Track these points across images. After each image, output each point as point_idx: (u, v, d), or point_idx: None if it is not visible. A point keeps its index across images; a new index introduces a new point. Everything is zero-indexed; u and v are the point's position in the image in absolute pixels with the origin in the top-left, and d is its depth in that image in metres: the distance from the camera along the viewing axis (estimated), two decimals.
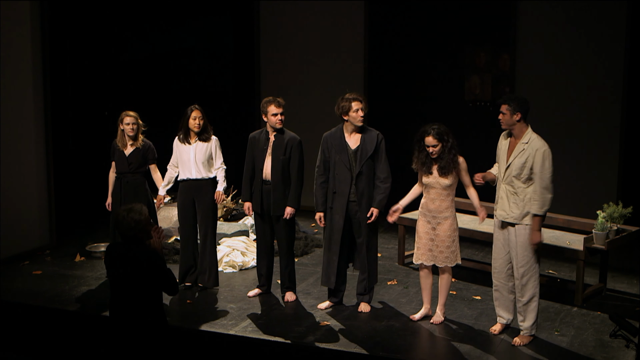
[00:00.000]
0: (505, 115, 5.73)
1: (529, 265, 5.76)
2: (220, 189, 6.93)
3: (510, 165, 5.74)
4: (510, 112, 5.70)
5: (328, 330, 6.15)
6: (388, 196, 6.36)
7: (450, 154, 6.00)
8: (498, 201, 5.85)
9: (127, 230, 4.54)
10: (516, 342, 5.86)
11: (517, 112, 5.69)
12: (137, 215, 4.54)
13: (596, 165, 9.06)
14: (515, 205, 5.73)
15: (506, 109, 5.72)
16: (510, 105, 5.70)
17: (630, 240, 7.01)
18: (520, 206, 5.71)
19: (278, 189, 6.60)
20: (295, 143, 6.61)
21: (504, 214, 5.79)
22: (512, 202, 5.75)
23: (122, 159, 7.17)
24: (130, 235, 4.55)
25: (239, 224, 8.35)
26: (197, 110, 6.86)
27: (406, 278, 7.49)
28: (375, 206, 6.33)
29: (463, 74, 9.71)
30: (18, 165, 8.11)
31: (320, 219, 6.51)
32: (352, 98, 6.29)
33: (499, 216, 5.83)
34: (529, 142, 5.70)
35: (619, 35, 8.80)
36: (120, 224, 4.55)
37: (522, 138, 5.73)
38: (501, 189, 5.83)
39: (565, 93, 9.15)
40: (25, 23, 8.11)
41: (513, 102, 5.70)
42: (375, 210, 6.33)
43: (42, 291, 7.08)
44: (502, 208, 5.80)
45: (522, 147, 5.71)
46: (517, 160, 5.71)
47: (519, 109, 5.70)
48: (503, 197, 5.80)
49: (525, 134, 5.74)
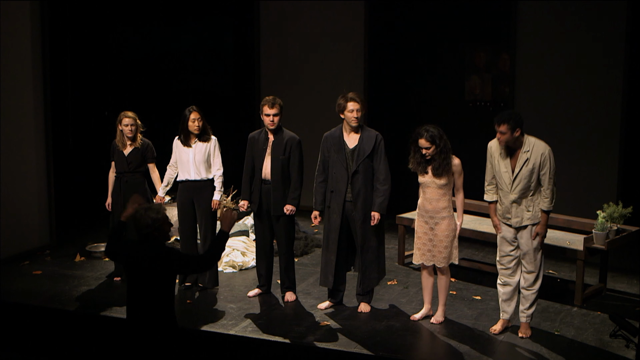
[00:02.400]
0: (505, 134, 5.73)
1: (540, 259, 5.92)
2: (217, 197, 6.93)
3: (518, 176, 5.79)
4: (511, 131, 5.72)
5: (328, 330, 6.15)
6: (389, 198, 6.35)
7: (442, 156, 6.01)
8: (509, 209, 5.88)
9: (144, 227, 4.53)
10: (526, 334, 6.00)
11: (517, 129, 5.73)
12: (154, 214, 4.53)
13: (596, 165, 9.06)
14: (529, 208, 5.83)
15: (506, 129, 5.72)
16: (510, 124, 5.70)
17: (630, 240, 7.01)
18: (532, 208, 5.83)
19: (278, 188, 6.60)
20: (294, 143, 6.61)
21: (519, 219, 5.87)
22: (524, 206, 5.83)
23: (122, 158, 7.18)
24: (147, 232, 4.54)
25: (239, 224, 8.35)
26: (195, 112, 6.85)
27: (406, 278, 7.49)
28: (375, 210, 6.31)
29: (463, 74, 9.71)
30: (18, 165, 8.10)
31: (315, 217, 6.51)
32: (349, 97, 6.29)
33: (516, 223, 5.87)
34: (531, 148, 5.76)
35: (619, 35, 8.80)
36: (137, 221, 4.53)
37: (523, 147, 5.78)
38: (509, 199, 5.87)
39: (565, 93, 9.14)
40: (25, 23, 8.11)
41: (511, 120, 5.71)
42: (376, 214, 6.31)
43: (42, 291, 7.08)
44: (516, 215, 5.87)
45: (526, 156, 5.77)
46: (524, 169, 5.77)
47: (517, 124, 5.73)
48: (514, 206, 5.86)
49: (525, 143, 5.78)
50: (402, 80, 10.01)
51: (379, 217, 6.33)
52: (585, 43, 8.98)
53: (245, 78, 10.71)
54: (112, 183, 7.30)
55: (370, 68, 9.99)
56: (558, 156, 5.99)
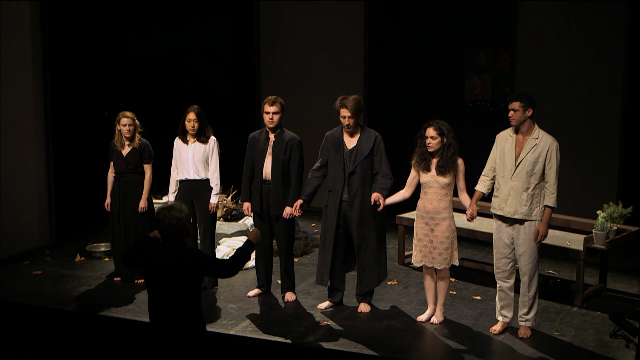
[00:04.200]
0: (517, 112, 5.76)
1: (536, 262, 5.88)
2: (214, 201, 6.92)
3: (522, 161, 5.78)
4: (523, 109, 5.75)
5: (328, 330, 6.15)
6: (389, 190, 6.31)
7: (449, 153, 6.00)
8: (506, 199, 5.84)
9: (169, 228, 4.45)
10: (526, 334, 5.98)
11: (529, 108, 5.76)
12: (178, 213, 4.47)
13: (596, 165, 9.06)
14: (526, 201, 5.77)
15: (519, 106, 5.75)
16: (523, 102, 5.75)
17: (630, 240, 7.01)
18: (529, 202, 5.77)
19: (278, 188, 6.59)
20: (295, 143, 6.61)
21: (513, 210, 5.81)
22: (522, 198, 5.78)
23: (120, 159, 7.18)
24: (172, 233, 4.47)
25: (238, 224, 8.35)
26: (192, 112, 6.85)
27: (406, 278, 7.49)
28: (377, 191, 6.22)
29: (463, 74, 9.71)
30: (18, 165, 8.11)
31: (296, 207, 6.46)
32: (341, 104, 6.28)
33: (508, 213, 5.83)
34: (540, 138, 5.77)
35: (619, 35, 8.80)
36: (161, 222, 4.45)
37: (532, 134, 5.80)
38: (508, 185, 5.84)
39: (565, 93, 9.15)
40: (25, 23, 8.11)
41: (525, 99, 5.76)
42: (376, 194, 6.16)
43: (42, 291, 7.08)
44: (511, 205, 5.82)
45: (534, 142, 5.77)
46: (529, 155, 5.76)
47: (531, 104, 5.77)
48: (512, 194, 5.81)
49: (534, 130, 5.81)
50: (402, 80, 10.01)
51: (380, 197, 6.16)
52: (585, 43, 8.99)
53: (245, 78, 10.71)
54: (111, 183, 7.30)
55: (370, 68, 10.00)
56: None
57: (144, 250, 4.55)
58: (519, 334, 6.00)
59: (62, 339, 6.41)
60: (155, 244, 4.57)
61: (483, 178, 6.07)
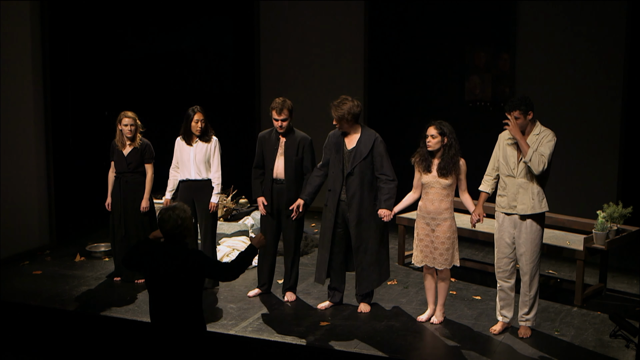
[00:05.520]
0: (519, 119, 5.77)
1: (537, 262, 5.89)
2: (215, 200, 6.92)
3: None
4: (524, 115, 5.77)
5: (328, 330, 6.15)
6: (394, 195, 6.28)
7: (450, 154, 6.00)
8: (515, 197, 5.84)
9: (173, 228, 4.45)
10: (526, 334, 5.99)
11: (529, 112, 5.77)
12: (182, 213, 4.47)
13: (596, 165, 9.06)
14: (536, 195, 5.80)
15: (519, 114, 5.76)
16: (522, 109, 5.75)
17: (630, 240, 7.01)
18: (539, 195, 5.80)
19: (291, 188, 6.60)
20: (307, 143, 6.62)
21: (525, 207, 5.81)
22: (533, 192, 5.80)
23: (121, 158, 7.18)
24: (177, 233, 4.46)
25: (239, 224, 8.35)
26: (199, 113, 6.86)
27: (406, 278, 7.49)
28: (383, 207, 6.22)
29: (463, 74, 9.71)
30: (18, 165, 8.10)
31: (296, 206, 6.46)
32: (332, 110, 6.27)
33: (522, 210, 5.82)
34: (540, 132, 5.81)
35: (619, 35, 8.80)
36: (166, 222, 4.45)
37: (533, 131, 5.82)
38: (516, 183, 5.84)
39: (565, 93, 9.15)
40: (25, 23, 8.11)
41: (523, 105, 5.76)
42: (384, 210, 6.20)
43: (42, 291, 7.08)
44: (523, 201, 5.82)
45: (535, 138, 5.80)
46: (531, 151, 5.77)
47: (529, 108, 5.78)
48: (521, 191, 5.82)
49: (536, 127, 5.84)
50: (401, 80, 10.01)
51: (389, 212, 6.21)
52: (585, 43, 8.99)
53: (245, 78, 10.70)
54: (111, 183, 7.30)
55: (370, 68, 9.99)
56: (558, 156, 5.99)
57: (145, 253, 4.54)
58: (519, 334, 6.01)
59: (62, 339, 6.41)
60: (156, 246, 4.56)
61: (486, 178, 6.08)
